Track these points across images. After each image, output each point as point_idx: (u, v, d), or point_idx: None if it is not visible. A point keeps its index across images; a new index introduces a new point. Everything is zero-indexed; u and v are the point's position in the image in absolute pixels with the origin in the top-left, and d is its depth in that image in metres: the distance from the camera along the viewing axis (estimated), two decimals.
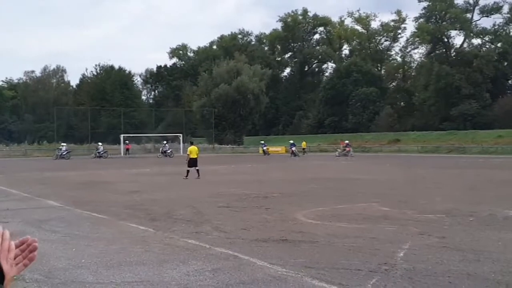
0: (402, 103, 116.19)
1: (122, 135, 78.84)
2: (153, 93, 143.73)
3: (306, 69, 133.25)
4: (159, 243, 10.26)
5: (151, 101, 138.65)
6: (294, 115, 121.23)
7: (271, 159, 58.40)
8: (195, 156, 29.07)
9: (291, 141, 70.15)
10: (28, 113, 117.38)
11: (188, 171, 28.66)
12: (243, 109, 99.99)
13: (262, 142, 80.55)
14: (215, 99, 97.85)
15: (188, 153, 29.56)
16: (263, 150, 75.31)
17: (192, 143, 31.25)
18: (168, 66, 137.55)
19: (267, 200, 17.49)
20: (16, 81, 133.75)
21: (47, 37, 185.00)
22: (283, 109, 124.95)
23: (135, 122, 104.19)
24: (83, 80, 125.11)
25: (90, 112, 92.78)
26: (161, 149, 70.04)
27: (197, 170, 28.69)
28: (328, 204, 16.42)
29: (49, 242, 10.51)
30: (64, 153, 63.74)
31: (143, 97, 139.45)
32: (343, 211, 14.70)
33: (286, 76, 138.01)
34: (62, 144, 67.91)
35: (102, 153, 66.58)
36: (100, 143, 70.74)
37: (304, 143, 78.86)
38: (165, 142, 72.38)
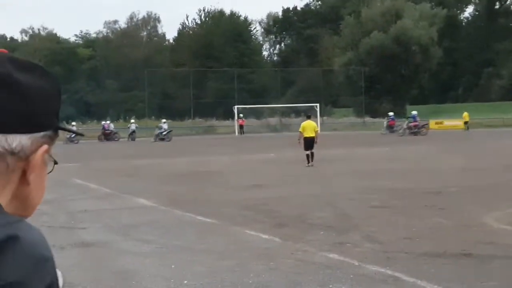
0: None
1: (236, 107, 79.87)
2: (278, 47, 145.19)
3: (497, 6, 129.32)
4: (289, 258, 10.35)
5: (275, 59, 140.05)
6: (481, 74, 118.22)
7: (445, 137, 57.28)
8: (312, 135, 29.08)
9: (391, 114, 69.82)
10: (111, 79, 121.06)
11: (307, 155, 28.93)
12: (406, 67, 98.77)
13: (391, 114, 76.45)
14: (365, 53, 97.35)
15: (300, 130, 29.70)
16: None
17: (309, 117, 31.31)
18: (298, 8, 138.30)
19: (441, 198, 17.22)
20: (94, 35, 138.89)
21: None
22: (464, 65, 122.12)
23: (254, 88, 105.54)
24: (183, 32, 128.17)
25: (192, 76, 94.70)
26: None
27: (312, 153, 28.89)
28: None
29: (140, 255, 10.88)
30: (164, 132, 65.53)
31: (265, 53, 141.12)
32: None
33: (468, 18, 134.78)
34: (163, 121, 69.60)
35: (165, 134, 66.87)
36: (164, 120, 71.13)
37: (466, 114, 76.35)
38: (391, 114, 71.20)
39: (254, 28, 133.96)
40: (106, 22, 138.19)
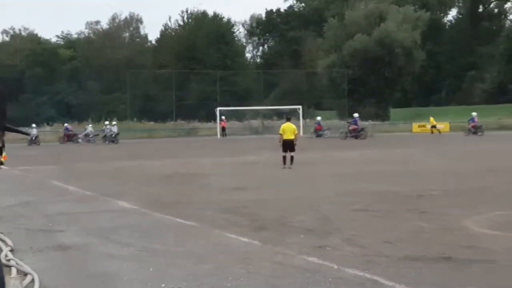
0: None
1: (218, 109, 79.98)
2: (261, 49, 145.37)
3: (480, 9, 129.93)
4: (268, 261, 10.35)
5: (258, 61, 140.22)
6: (464, 77, 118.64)
7: (427, 140, 57.51)
8: (291, 137, 29.27)
9: (318, 118, 73.48)
10: (92, 80, 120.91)
11: (284, 157, 29.14)
12: (389, 70, 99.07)
13: (318, 118, 76.25)
14: (348, 55, 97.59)
15: (280, 132, 29.82)
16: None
17: (288, 119, 31.48)
18: (282, 10, 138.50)
19: (422, 201, 17.28)
20: (75, 36, 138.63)
21: None
22: (447, 69, 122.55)
23: (237, 90, 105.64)
24: (165, 33, 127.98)
25: (175, 77, 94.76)
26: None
27: (292, 156, 29.11)
28: None
29: (119, 258, 10.85)
30: (113, 135, 66.72)
31: (248, 55, 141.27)
32: None
33: (451, 21, 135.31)
34: (113, 123, 70.86)
35: (114, 136, 67.39)
36: (114, 122, 71.82)
37: (432, 119, 77.87)
38: (319, 118, 72.12)
39: (237, 30, 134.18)
40: (88, 22, 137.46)
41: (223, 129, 77.23)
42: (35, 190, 22.81)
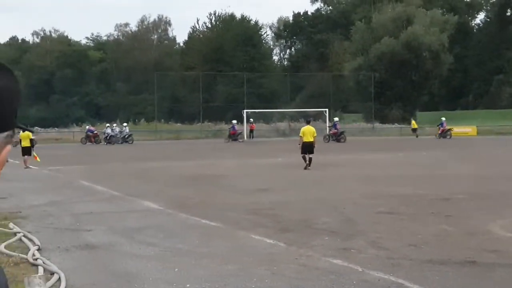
0: None
1: (245, 111, 79.90)
2: (288, 51, 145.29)
3: (508, 13, 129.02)
4: (293, 263, 10.35)
5: (285, 64, 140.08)
6: (491, 81, 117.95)
7: (454, 144, 57.23)
8: (311, 140, 30.44)
9: (335, 119, 73.11)
10: (121, 82, 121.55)
11: (304, 157, 30.19)
12: (416, 74, 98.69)
13: (234, 122, 75.02)
14: (375, 59, 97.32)
15: (300, 135, 30.99)
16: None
17: (308, 122, 32.69)
18: (309, 13, 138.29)
19: (448, 204, 17.19)
20: (105, 38, 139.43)
21: None
22: (474, 72, 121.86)
23: (264, 92, 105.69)
24: (193, 35, 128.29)
25: (202, 79, 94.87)
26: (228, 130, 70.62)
27: (310, 158, 30.08)
28: None
29: (144, 258, 10.89)
30: (126, 136, 68.10)
31: (275, 58, 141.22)
32: None
33: (479, 24, 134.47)
34: (124, 124, 73.15)
35: (127, 137, 68.92)
36: (125, 124, 73.93)
37: (413, 122, 79.94)
38: (234, 122, 72.54)
39: (265, 33, 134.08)
40: (117, 25, 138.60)
41: (251, 131, 77.11)
42: (64, 189, 22.96)
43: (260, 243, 12.19)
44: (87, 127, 73.34)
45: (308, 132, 30.56)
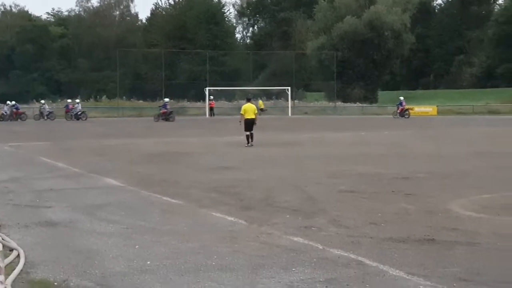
0: None
1: (207, 88, 79.85)
2: (251, 30, 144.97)
3: None
4: (253, 241, 10.33)
5: (248, 42, 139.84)
6: (452, 61, 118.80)
7: (415, 123, 57.60)
8: (252, 117, 31.03)
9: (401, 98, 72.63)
10: (82, 58, 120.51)
11: (247, 136, 30.70)
12: (378, 53, 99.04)
13: (166, 100, 72.26)
14: (338, 38, 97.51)
15: (242, 112, 31.64)
16: None
17: (249, 100, 33.47)
18: None
19: (408, 183, 17.29)
20: (66, 13, 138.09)
21: None
22: (435, 52, 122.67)
23: (226, 70, 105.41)
24: (156, 12, 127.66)
25: (164, 56, 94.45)
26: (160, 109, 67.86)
27: (251, 134, 30.72)
28: (496, 189, 16.00)
29: (104, 236, 10.81)
30: (79, 112, 68.34)
31: (238, 36, 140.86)
32: None
33: (441, 4, 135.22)
34: (77, 101, 72.50)
35: (80, 114, 68.53)
36: (78, 100, 73.09)
37: (260, 102, 78.08)
38: (166, 100, 70.77)
39: (228, 10, 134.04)
40: (78, 0, 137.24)
41: (211, 109, 77.05)
42: (24, 166, 22.77)
43: (221, 220, 12.16)
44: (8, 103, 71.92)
45: (249, 109, 31.31)
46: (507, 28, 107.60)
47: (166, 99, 69.32)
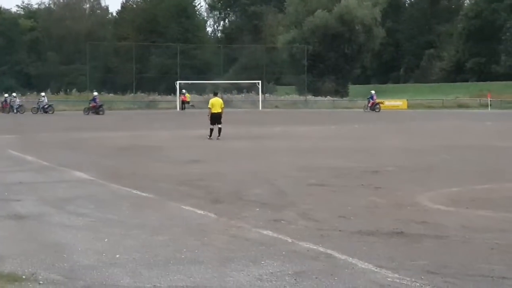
0: None
1: (178, 82, 79.70)
2: (222, 23, 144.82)
3: None
4: (223, 234, 10.35)
5: (219, 35, 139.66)
6: (422, 55, 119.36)
7: (385, 117, 57.85)
8: (219, 111, 31.45)
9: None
10: (52, 51, 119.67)
11: (211, 129, 31.13)
12: (349, 47, 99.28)
13: (95, 93, 70.44)
14: (309, 32, 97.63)
15: (209, 106, 31.94)
16: None
17: (215, 94, 34.18)
18: None
19: (377, 177, 17.38)
20: (36, 6, 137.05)
21: None
22: (405, 46, 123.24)
23: (197, 64, 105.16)
24: (126, 6, 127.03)
25: (135, 50, 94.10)
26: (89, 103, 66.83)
27: (219, 128, 31.13)
28: (465, 183, 16.17)
29: (73, 228, 10.78)
30: (46, 106, 67.56)
31: (209, 30, 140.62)
32: (486, 194, 14.47)
33: None
34: (42, 94, 71.50)
35: (47, 107, 67.92)
36: (43, 94, 72.27)
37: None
38: (95, 94, 69.33)
39: (199, 4, 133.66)
40: None
41: (183, 102, 76.81)
42: None
43: (191, 214, 12.16)
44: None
45: (216, 103, 31.69)
46: (476, 23, 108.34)
47: (95, 93, 68.74)
